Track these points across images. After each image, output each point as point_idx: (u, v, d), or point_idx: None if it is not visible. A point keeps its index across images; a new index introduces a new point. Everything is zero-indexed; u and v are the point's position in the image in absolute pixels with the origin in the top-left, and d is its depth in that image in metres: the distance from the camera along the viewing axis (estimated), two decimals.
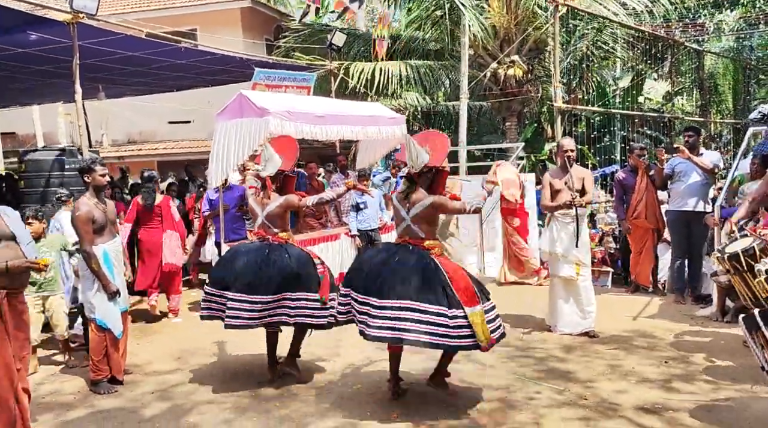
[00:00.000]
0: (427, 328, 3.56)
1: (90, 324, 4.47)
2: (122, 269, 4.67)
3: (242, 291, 4.19)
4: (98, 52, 7.10)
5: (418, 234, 3.88)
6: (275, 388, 4.35)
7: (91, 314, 4.42)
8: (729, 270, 3.79)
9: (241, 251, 4.48)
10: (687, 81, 16.50)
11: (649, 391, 4.00)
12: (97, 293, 4.39)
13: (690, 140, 6.44)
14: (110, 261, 4.47)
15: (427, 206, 3.85)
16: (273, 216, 4.50)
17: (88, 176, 4.43)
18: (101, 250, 4.42)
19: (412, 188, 3.92)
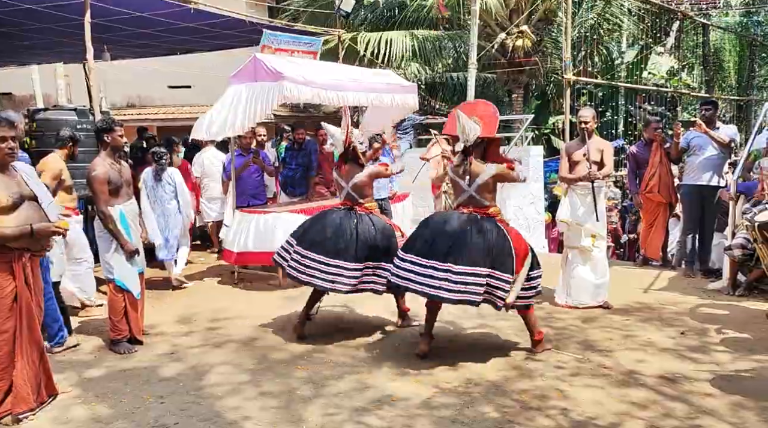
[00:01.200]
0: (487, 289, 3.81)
1: (108, 284, 4.46)
2: (139, 231, 4.64)
3: (335, 256, 4.36)
4: (107, 11, 6.91)
5: (483, 203, 4.05)
6: (290, 352, 4.37)
7: (110, 275, 4.41)
8: (757, 239, 3.81)
9: (331, 217, 4.60)
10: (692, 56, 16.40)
11: (669, 361, 4.05)
12: (114, 254, 4.37)
13: (707, 114, 6.41)
14: (127, 222, 4.44)
15: (491, 177, 4.03)
16: (358, 187, 4.68)
17: (108, 136, 4.38)
18: (117, 211, 4.39)
19: (468, 160, 4.03)
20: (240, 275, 6.73)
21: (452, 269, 3.81)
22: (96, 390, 3.77)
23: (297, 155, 7.55)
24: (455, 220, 4.04)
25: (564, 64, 9.65)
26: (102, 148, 4.46)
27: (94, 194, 4.36)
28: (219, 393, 3.68)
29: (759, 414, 3.26)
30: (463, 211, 4.09)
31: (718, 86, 17.83)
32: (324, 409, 3.44)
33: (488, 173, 4.01)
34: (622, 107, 15.66)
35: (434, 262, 3.88)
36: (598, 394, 3.57)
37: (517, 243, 4.03)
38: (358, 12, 13.49)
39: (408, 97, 7.60)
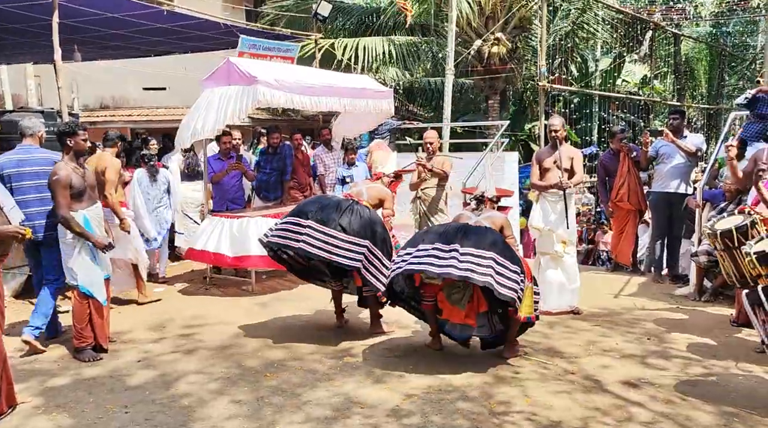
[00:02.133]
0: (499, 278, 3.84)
1: (73, 291, 4.37)
2: (104, 235, 4.55)
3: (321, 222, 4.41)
4: (76, 12, 6.80)
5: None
6: (262, 359, 4.34)
7: (74, 282, 4.32)
8: (717, 247, 3.89)
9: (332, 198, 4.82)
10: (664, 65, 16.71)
11: (633, 366, 4.11)
12: (78, 259, 4.29)
13: (674, 123, 6.55)
14: (91, 227, 4.36)
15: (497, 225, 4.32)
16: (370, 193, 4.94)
17: (71, 140, 4.30)
18: (81, 216, 4.32)
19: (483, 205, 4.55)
20: (212, 281, 6.67)
21: (458, 249, 3.91)
22: (58, 399, 3.69)
23: (272, 160, 7.50)
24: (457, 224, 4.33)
25: (539, 71, 9.76)
26: (65, 152, 4.38)
27: (54, 199, 4.27)
28: (187, 402, 3.63)
29: (720, 418, 3.33)
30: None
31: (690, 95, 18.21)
32: (291, 417, 3.41)
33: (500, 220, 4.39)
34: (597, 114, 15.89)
35: (439, 245, 4.00)
36: (564, 400, 3.60)
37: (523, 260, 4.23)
38: (335, 17, 13.49)
39: (383, 102, 7.63)
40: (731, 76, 18.61)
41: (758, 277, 3.49)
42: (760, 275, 3.49)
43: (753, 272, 3.49)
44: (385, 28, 13.68)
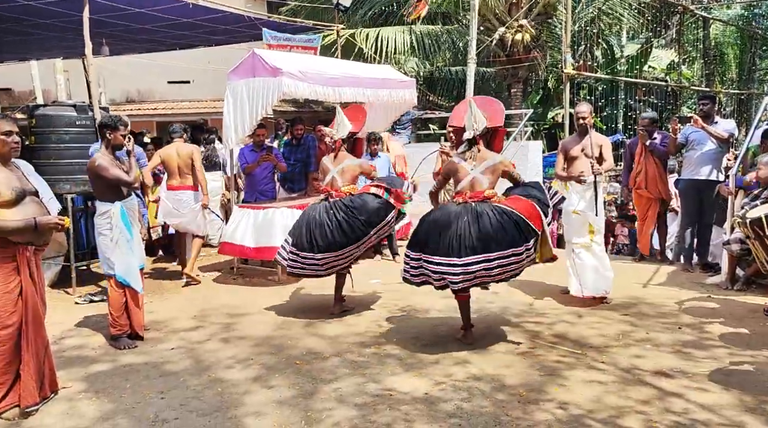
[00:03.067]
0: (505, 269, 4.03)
1: (109, 280, 4.48)
2: (139, 227, 4.66)
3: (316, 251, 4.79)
4: (104, 7, 6.90)
5: (483, 184, 4.26)
6: (294, 347, 4.40)
7: (111, 271, 4.43)
8: (749, 235, 3.83)
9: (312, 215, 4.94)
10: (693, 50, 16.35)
11: (665, 356, 4.07)
12: (115, 251, 4.39)
13: (705, 109, 6.42)
14: (127, 219, 4.46)
15: (497, 163, 4.32)
16: (345, 172, 5.02)
17: (110, 133, 4.41)
18: (118, 207, 4.41)
19: (475, 148, 4.31)
20: (239, 271, 6.76)
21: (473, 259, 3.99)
22: (97, 385, 3.80)
23: (295, 151, 7.56)
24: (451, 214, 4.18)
25: (563, 58, 9.63)
26: (103, 143, 4.49)
27: (106, 181, 4.36)
28: (220, 389, 3.71)
29: (756, 408, 3.29)
30: (458, 200, 4.28)
31: (719, 80, 17.80)
32: (323, 404, 3.47)
33: (496, 159, 4.34)
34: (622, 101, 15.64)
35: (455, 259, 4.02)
36: (595, 389, 3.59)
37: (523, 210, 4.15)
38: (357, 7, 13.46)
39: (406, 92, 7.62)
40: (763, 59, 18.12)
41: None
42: None
43: None
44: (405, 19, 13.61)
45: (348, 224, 4.76)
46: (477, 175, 4.26)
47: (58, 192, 5.83)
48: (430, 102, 15.03)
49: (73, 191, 6.00)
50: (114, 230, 4.36)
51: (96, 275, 6.44)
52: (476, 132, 4.32)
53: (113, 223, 4.39)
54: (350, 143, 5.25)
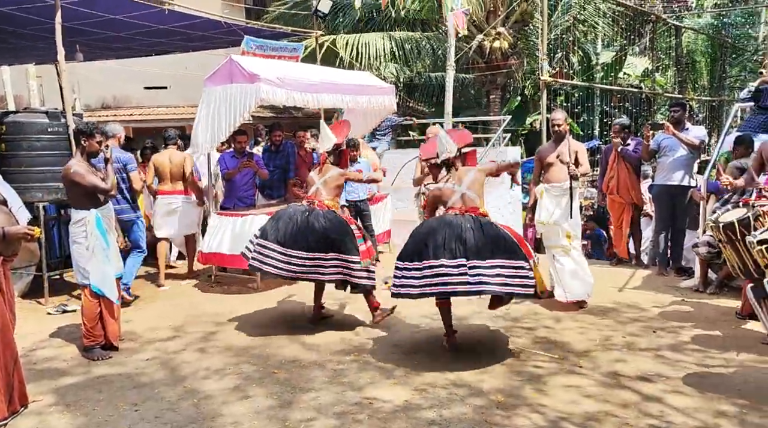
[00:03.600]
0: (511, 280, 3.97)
1: (83, 290, 4.40)
2: (115, 235, 4.59)
3: (282, 244, 4.71)
4: (78, 14, 6.79)
5: (474, 201, 4.29)
6: (273, 356, 4.36)
7: (85, 281, 4.35)
8: (721, 240, 3.90)
9: (288, 212, 4.92)
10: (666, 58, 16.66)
11: (643, 360, 4.12)
12: (91, 260, 4.31)
13: (675, 115, 6.55)
14: (103, 227, 4.39)
15: (477, 171, 4.42)
16: (328, 183, 5.04)
17: (85, 140, 4.35)
18: (94, 215, 4.34)
19: (453, 169, 4.47)
20: (217, 278, 6.69)
21: (465, 264, 3.94)
22: (68, 398, 3.72)
23: (274, 157, 7.51)
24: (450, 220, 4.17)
25: (540, 65, 9.74)
26: (78, 150, 4.43)
27: (82, 189, 4.30)
28: (196, 400, 3.66)
29: (729, 410, 3.34)
30: (454, 212, 4.25)
31: (691, 87, 18.15)
32: (302, 414, 3.43)
33: (472, 171, 4.42)
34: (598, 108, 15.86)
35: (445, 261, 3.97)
36: (573, 394, 3.62)
37: (515, 235, 4.21)
38: (336, 14, 13.47)
39: (385, 98, 7.64)
40: (733, 67, 18.53)
41: (766, 267, 3.50)
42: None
43: (762, 262, 3.49)
44: (386, 24, 13.66)
45: (318, 233, 4.69)
46: (465, 190, 4.31)
47: (29, 200, 5.72)
48: (409, 108, 15.08)
49: (45, 199, 5.88)
50: (89, 238, 4.29)
51: (69, 285, 6.32)
52: (451, 154, 4.45)
53: (89, 231, 4.32)
54: (336, 154, 5.24)
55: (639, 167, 6.98)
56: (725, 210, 4.12)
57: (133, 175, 5.85)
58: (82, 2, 6.42)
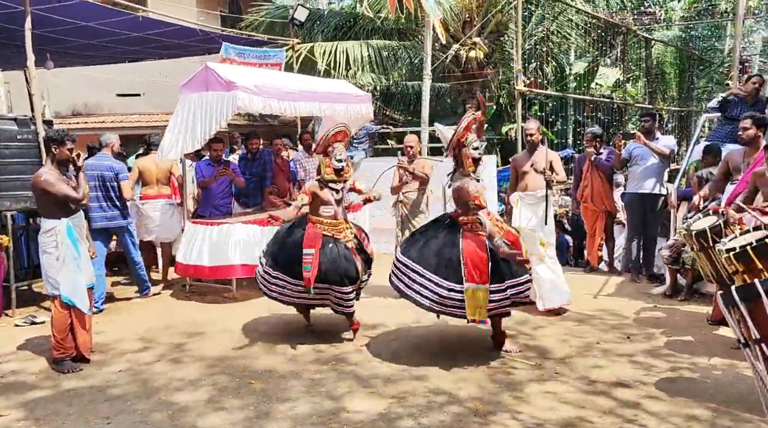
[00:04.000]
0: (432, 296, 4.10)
1: (53, 300, 4.29)
2: (86, 245, 4.50)
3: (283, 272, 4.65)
4: (49, 21, 6.68)
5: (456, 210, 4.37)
6: (248, 366, 4.31)
7: (55, 291, 4.25)
8: (693, 247, 3.98)
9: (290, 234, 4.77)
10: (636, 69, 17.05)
11: (619, 366, 4.18)
12: (61, 270, 4.22)
13: (646, 125, 6.68)
14: (74, 236, 4.30)
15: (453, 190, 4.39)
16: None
17: (56, 148, 4.26)
18: (64, 224, 4.25)
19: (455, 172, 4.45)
20: (192, 288, 6.60)
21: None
22: (37, 412, 3.62)
23: (251, 165, 7.46)
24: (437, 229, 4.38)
25: (515, 75, 9.88)
26: (48, 158, 4.34)
27: (52, 198, 4.21)
28: (170, 412, 3.59)
29: (702, 414, 3.40)
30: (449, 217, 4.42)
31: (661, 97, 18.58)
32: (278, 425, 3.39)
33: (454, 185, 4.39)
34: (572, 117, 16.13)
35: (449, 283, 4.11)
36: (550, 400, 3.65)
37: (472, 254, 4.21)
38: (312, 23, 13.48)
39: (362, 106, 7.65)
40: (700, 79, 19.04)
41: (735, 274, 3.57)
42: (736, 271, 3.57)
43: (730, 269, 3.56)
44: (363, 33, 13.71)
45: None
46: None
47: None
48: (386, 116, 15.13)
49: (13, 208, 5.73)
50: (60, 247, 4.19)
51: (38, 296, 6.17)
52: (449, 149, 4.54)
53: (59, 240, 4.23)
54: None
55: (612, 175, 7.12)
56: (697, 218, 4.21)
57: (124, 184, 5.92)
58: (54, 9, 6.32)
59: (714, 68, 18.32)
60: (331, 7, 14.52)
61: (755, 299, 2.60)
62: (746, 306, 2.63)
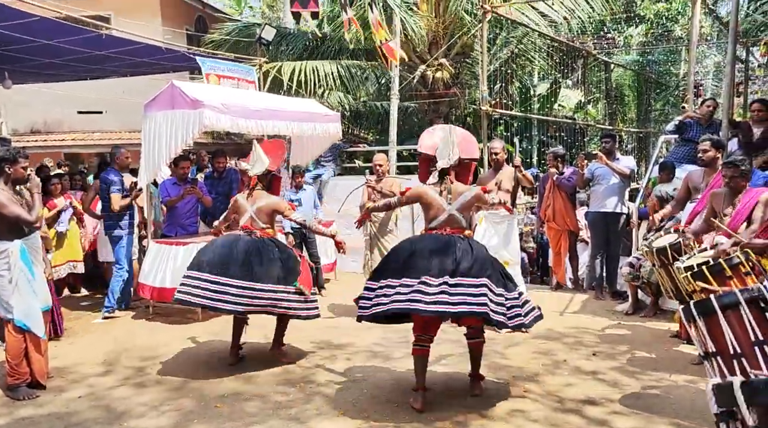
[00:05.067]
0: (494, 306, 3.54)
1: (7, 325, 4.13)
2: (42, 266, 4.35)
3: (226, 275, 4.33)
4: (9, 39, 6.50)
5: (462, 223, 3.91)
6: (215, 390, 4.21)
7: (9, 315, 4.08)
8: (655, 264, 4.10)
9: (230, 240, 4.57)
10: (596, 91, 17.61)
11: (586, 382, 4.23)
12: (14, 293, 4.06)
13: (607, 146, 6.88)
14: (28, 258, 4.16)
15: (474, 196, 3.96)
16: (262, 212, 4.68)
17: (9, 167, 4.11)
18: (17, 246, 4.11)
19: (447, 181, 3.93)
20: (155, 309, 6.44)
21: (448, 282, 3.52)
22: None
23: (217, 184, 7.38)
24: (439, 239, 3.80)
25: (481, 96, 10.07)
26: (1, 178, 4.18)
27: (4, 219, 4.04)
28: None
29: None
30: (440, 232, 3.85)
31: (621, 119, 19.18)
32: None
33: (472, 192, 3.96)
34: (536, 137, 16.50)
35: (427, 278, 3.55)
36: (519, 418, 3.66)
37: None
38: (279, 43, 13.51)
39: (331, 125, 7.68)
40: (657, 101, 19.74)
41: (693, 292, 3.69)
42: (695, 290, 3.69)
43: (688, 288, 3.68)
44: (330, 53, 13.79)
45: (266, 262, 4.40)
46: (453, 212, 3.87)
47: None
48: (354, 135, 15.20)
49: None
50: (13, 270, 4.03)
51: None
52: (450, 163, 3.92)
53: (12, 263, 4.07)
54: (267, 180, 4.89)
55: (574, 194, 7.30)
56: (658, 236, 4.34)
57: (113, 196, 6.14)
58: (13, 27, 6.18)
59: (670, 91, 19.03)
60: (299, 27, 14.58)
61: (711, 315, 2.69)
62: (704, 321, 2.72)
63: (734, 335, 2.61)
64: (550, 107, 16.75)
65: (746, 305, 2.61)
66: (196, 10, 16.77)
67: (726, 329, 2.63)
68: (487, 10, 8.96)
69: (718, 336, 2.67)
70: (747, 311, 2.60)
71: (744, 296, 2.63)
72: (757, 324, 2.58)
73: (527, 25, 12.54)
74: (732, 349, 2.61)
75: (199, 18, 16.68)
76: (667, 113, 18.85)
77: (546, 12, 12.79)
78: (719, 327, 2.66)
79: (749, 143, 6.06)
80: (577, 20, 13.35)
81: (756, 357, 2.56)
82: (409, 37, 12.32)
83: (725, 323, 2.64)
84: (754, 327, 2.58)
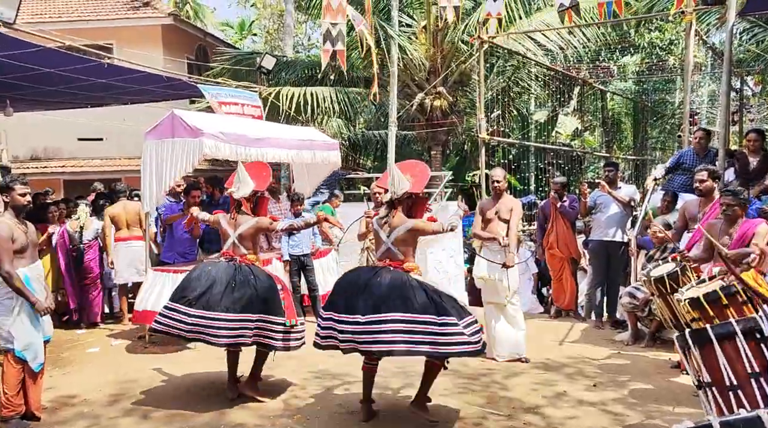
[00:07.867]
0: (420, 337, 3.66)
1: (6, 355, 4.08)
2: (45, 295, 4.32)
3: (205, 308, 4.26)
4: (10, 67, 6.57)
5: (398, 256, 4.01)
6: (212, 421, 4.15)
7: (9, 345, 4.02)
8: (653, 293, 4.09)
9: (208, 269, 4.48)
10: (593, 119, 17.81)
11: (589, 415, 4.18)
12: (16, 322, 4.02)
13: (610, 175, 6.93)
14: (32, 286, 4.13)
15: (408, 230, 4.01)
16: (244, 237, 4.61)
17: (6, 196, 4.10)
18: (22, 274, 4.08)
19: (392, 213, 4.06)
20: (151, 338, 6.37)
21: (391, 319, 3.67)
22: None
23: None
24: (365, 273, 4.02)
25: (478, 124, 10.16)
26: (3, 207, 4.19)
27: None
28: None
29: None
30: (379, 265, 4.02)
31: (617, 146, 19.36)
32: None
33: (405, 226, 4.01)
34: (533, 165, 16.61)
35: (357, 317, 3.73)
36: None
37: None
38: (279, 71, 13.67)
39: (330, 154, 7.72)
40: (653, 129, 19.96)
41: (692, 321, 3.68)
42: (693, 318, 3.68)
43: (687, 317, 3.67)
44: (329, 81, 13.96)
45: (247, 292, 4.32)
46: (390, 246, 4.01)
47: None
48: (354, 163, 15.30)
49: None
50: (15, 299, 4.00)
51: None
52: (396, 196, 4.06)
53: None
54: (254, 202, 4.78)
55: (575, 222, 7.31)
56: (656, 265, 4.34)
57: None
58: (15, 56, 6.24)
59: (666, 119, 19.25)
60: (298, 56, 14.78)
61: (707, 344, 2.67)
62: (699, 350, 2.71)
63: (730, 366, 2.59)
64: (548, 134, 16.90)
65: (742, 335, 2.60)
66: (197, 40, 17.00)
67: (721, 359, 2.61)
68: (484, 40, 9.09)
69: (714, 366, 2.65)
70: (743, 342, 2.59)
71: (740, 327, 2.61)
72: (754, 355, 2.56)
73: (524, 55, 12.72)
74: (728, 380, 2.58)
75: (200, 47, 16.91)
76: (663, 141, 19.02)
77: (542, 41, 13.00)
78: (714, 357, 2.64)
79: (746, 173, 6.11)
80: (572, 50, 13.57)
81: (752, 389, 2.53)
82: (407, 66, 12.47)
83: (721, 353, 2.62)
84: (750, 358, 2.56)
